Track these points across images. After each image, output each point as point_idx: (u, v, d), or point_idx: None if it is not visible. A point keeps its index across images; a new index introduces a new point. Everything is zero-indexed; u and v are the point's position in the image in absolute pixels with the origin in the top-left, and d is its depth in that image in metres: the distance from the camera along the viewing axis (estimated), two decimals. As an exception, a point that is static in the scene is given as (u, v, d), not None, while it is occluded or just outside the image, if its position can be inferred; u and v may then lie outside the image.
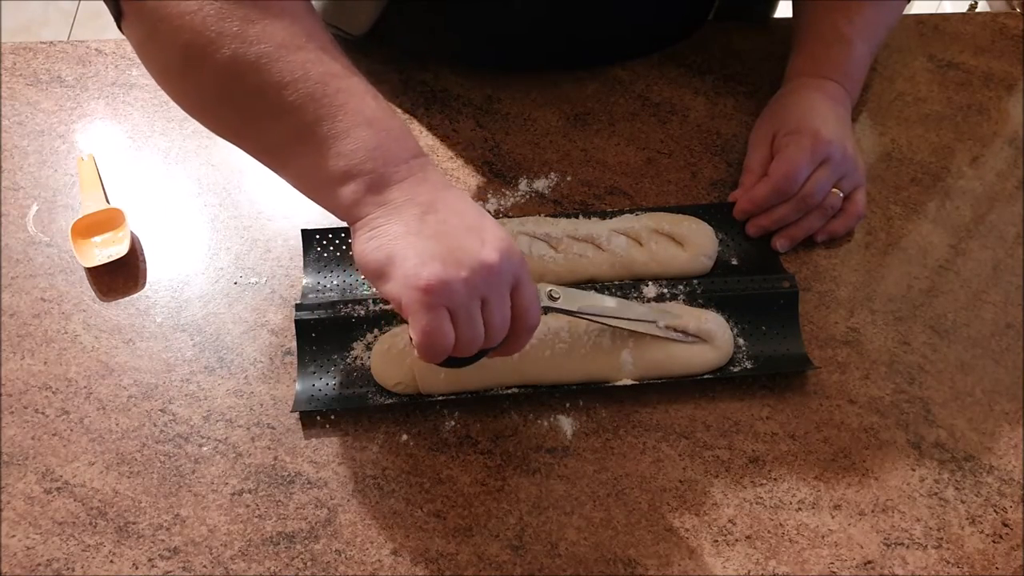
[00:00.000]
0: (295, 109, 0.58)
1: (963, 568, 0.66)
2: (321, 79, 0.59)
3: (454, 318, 0.57)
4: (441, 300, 0.56)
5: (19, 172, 0.85)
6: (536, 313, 0.61)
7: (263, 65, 0.58)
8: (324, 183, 0.60)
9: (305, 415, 0.72)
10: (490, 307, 0.58)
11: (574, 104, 0.93)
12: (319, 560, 0.65)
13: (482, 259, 0.57)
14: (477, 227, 0.59)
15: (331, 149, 0.59)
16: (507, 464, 0.70)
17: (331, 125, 0.58)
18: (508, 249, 0.58)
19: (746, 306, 0.76)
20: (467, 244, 0.57)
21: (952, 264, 0.83)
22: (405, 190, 0.59)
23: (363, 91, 0.61)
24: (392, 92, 0.93)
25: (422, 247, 0.57)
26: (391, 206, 0.59)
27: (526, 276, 0.60)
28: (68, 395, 0.72)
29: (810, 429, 0.73)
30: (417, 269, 0.56)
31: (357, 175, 0.59)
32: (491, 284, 0.58)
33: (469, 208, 0.60)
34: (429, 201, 0.59)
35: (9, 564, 0.64)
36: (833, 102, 0.84)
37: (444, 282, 0.56)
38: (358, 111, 0.59)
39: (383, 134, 0.60)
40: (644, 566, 0.66)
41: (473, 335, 0.58)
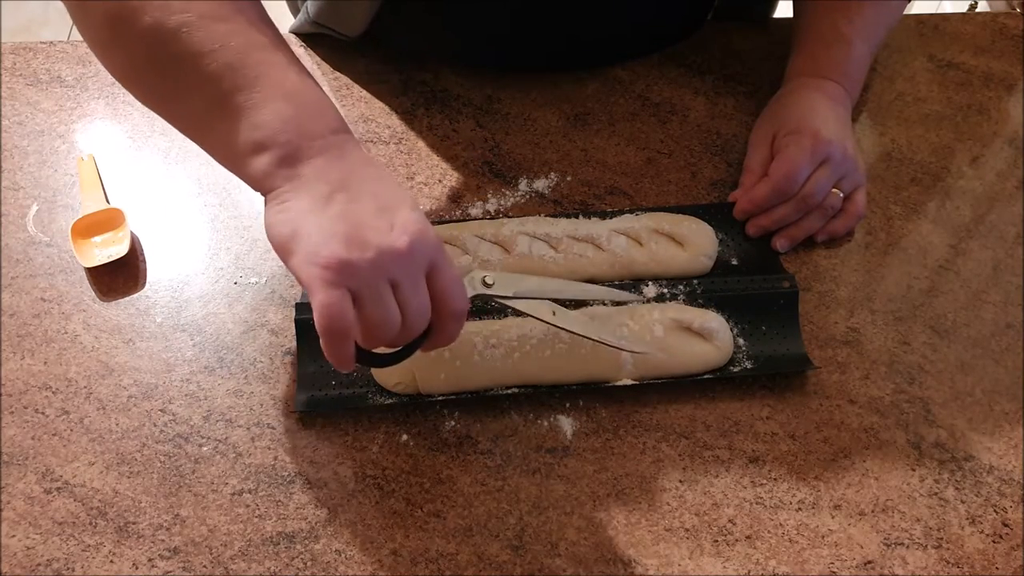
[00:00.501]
0: (213, 78, 0.58)
1: (963, 568, 0.66)
2: (242, 50, 0.58)
3: (358, 300, 0.55)
4: (341, 279, 0.54)
5: (19, 172, 0.85)
6: (459, 299, 0.59)
7: (184, 33, 0.58)
8: (238, 154, 0.59)
9: (305, 415, 0.72)
10: (402, 291, 0.57)
11: (574, 104, 0.93)
12: (319, 560, 0.65)
13: (389, 242, 0.56)
14: (389, 208, 0.57)
15: (246, 120, 0.58)
16: (507, 464, 0.70)
17: (248, 96, 0.58)
18: (419, 232, 0.57)
19: (746, 306, 0.76)
20: (375, 224, 0.56)
21: (952, 264, 0.83)
22: (317, 166, 0.58)
23: (285, 64, 0.60)
24: (392, 92, 0.93)
25: (327, 225, 0.56)
26: (301, 180, 0.58)
27: (443, 260, 0.59)
28: (68, 395, 0.72)
29: (810, 429, 0.73)
30: (318, 247, 0.55)
31: (269, 147, 0.58)
32: (400, 268, 0.56)
33: (385, 189, 0.59)
34: (341, 179, 0.58)
35: (9, 564, 0.64)
36: (833, 102, 0.84)
37: (345, 261, 0.54)
38: (277, 83, 0.59)
39: (300, 108, 0.59)
40: (644, 566, 0.66)
41: (382, 318, 0.56)
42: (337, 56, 0.96)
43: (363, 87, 0.93)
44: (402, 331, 0.58)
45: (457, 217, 0.83)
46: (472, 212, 0.84)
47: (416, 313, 0.58)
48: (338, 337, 0.56)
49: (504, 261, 0.77)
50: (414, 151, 0.88)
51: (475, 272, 0.66)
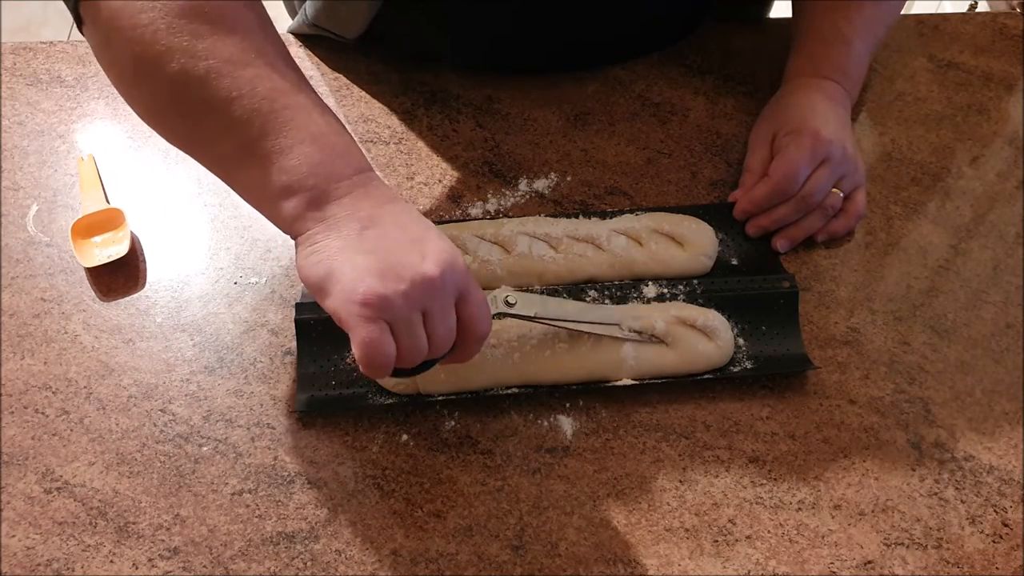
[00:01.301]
0: (241, 124, 0.59)
1: (963, 568, 0.66)
2: (268, 95, 0.59)
3: (394, 331, 0.57)
4: (379, 314, 0.56)
5: (19, 172, 0.85)
6: (484, 323, 0.62)
7: (211, 80, 0.59)
8: (267, 197, 0.61)
9: (305, 415, 0.72)
10: (432, 319, 0.59)
11: (574, 104, 0.93)
12: (319, 560, 0.65)
13: (422, 272, 0.57)
14: (419, 240, 0.59)
15: (274, 164, 0.59)
16: (507, 464, 0.70)
17: (275, 141, 0.59)
18: (450, 262, 0.59)
19: (746, 306, 0.76)
20: (407, 258, 0.58)
21: (952, 264, 0.83)
22: (346, 205, 0.60)
23: (310, 107, 0.61)
24: (392, 92, 0.93)
25: (360, 262, 0.57)
26: (331, 221, 0.59)
27: (472, 287, 0.61)
28: (68, 395, 0.72)
29: (810, 429, 0.73)
30: (354, 284, 0.56)
31: (298, 191, 0.59)
32: (432, 297, 0.58)
33: (412, 222, 0.61)
34: (370, 216, 0.60)
35: (9, 564, 0.64)
36: (833, 102, 0.84)
37: (382, 296, 0.56)
38: (303, 127, 0.60)
39: (327, 151, 0.60)
40: (644, 566, 0.66)
41: (414, 347, 0.59)
42: (337, 56, 0.96)
43: (363, 87, 0.93)
44: (429, 354, 0.60)
45: (457, 217, 0.83)
46: (472, 212, 0.84)
47: (443, 340, 0.60)
48: (378, 370, 0.58)
49: (504, 261, 0.77)
50: (414, 151, 0.88)
51: (499, 292, 0.68)
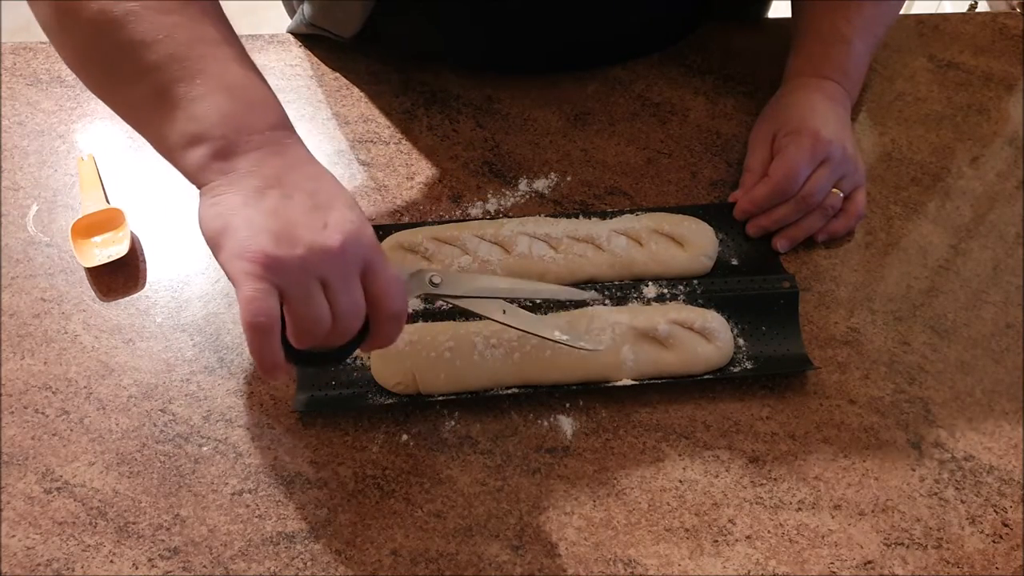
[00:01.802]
0: (155, 69, 0.58)
1: (963, 568, 0.66)
2: (187, 42, 0.58)
3: (286, 297, 0.55)
4: (267, 274, 0.54)
5: (19, 172, 0.85)
6: (396, 300, 0.59)
7: (129, 22, 0.58)
8: (174, 146, 0.59)
9: (305, 415, 0.72)
10: (332, 291, 0.56)
11: (574, 104, 0.93)
12: (319, 560, 0.65)
13: (321, 240, 0.55)
14: (324, 207, 0.57)
15: (183, 112, 0.58)
16: (507, 464, 0.70)
17: (188, 88, 0.58)
18: (354, 232, 0.56)
19: (746, 306, 0.76)
20: (307, 223, 0.56)
21: (952, 264, 0.83)
22: (253, 160, 0.58)
23: (230, 58, 0.60)
24: (392, 92, 0.93)
25: (257, 220, 0.55)
26: (235, 175, 0.57)
27: (379, 261, 0.58)
28: (68, 395, 0.72)
29: (810, 429, 0.73)
30: (247, 241, 0.54)
31: (205, 140, 0.58)
32: (331, 267, 0.55)
33: (322, 187, 0.59)
34: (276, 175, 0.58)
35: (9, 564, 0.64)
36: (833, 102, 0.84)
37: (272, 257, 0.54)
38: (218, 77, 0.59)
39: (240, 102, 0.59)
40: (644, 566, 0.66)
41: (312, 316, 0.56)
42: (337, 56, 0.96)
43: (363, 87, 0.94)
44: (333, 330, 0.58)
45: (457, 217, 0.83)
46: (472, 212, 0.84)
47: (346, 313, 0.57)
48: (261, 332, 0.54)
49: (504, 261, 0.77)
50: (414, 151, 0.88)
51: (423, 271, 0.65)
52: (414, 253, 0.77)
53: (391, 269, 0.59)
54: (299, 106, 0.92)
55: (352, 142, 0.89)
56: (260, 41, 0.97)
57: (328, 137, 0.89)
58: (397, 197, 0.85)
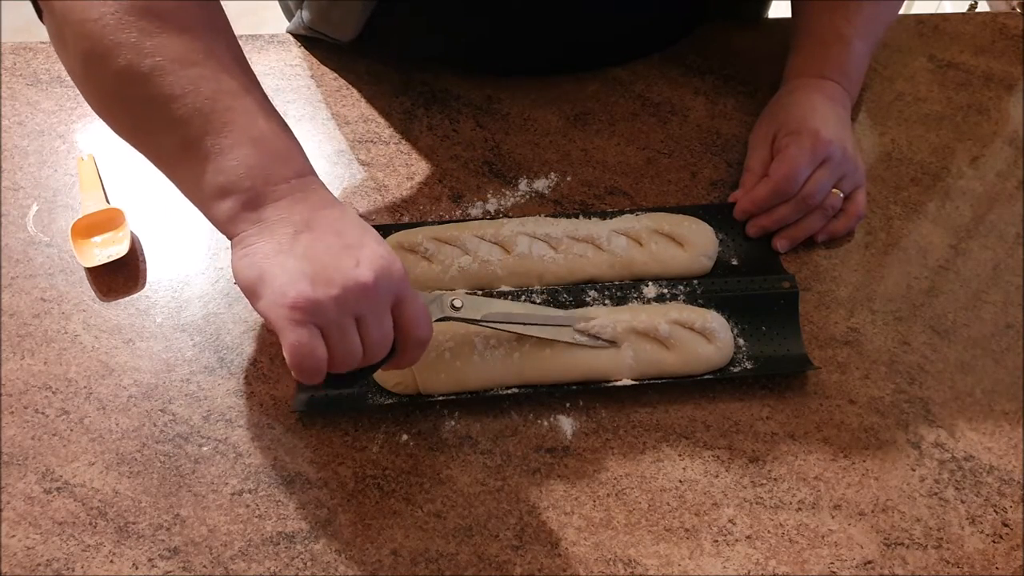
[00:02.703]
0: (182, 122, 0.59)
1: (963, 568, 0.66)
2: (212, 95, 0.60)
3: (325, 336, 0.58)
4: (309, 318, 0.56)
5: (19, 172, 0.85)
6: (422, 328, 0.62)
7: (155, 77, 0.59)
8: (205, 197, 0.61)
9: (305, 415, 0.72)
10: (366, 325, 0.59)
11: (574, 104, 0.93)
12: (319, 560, 0.65)
13: (355, 278, 0.57)
14: (354, 246, 0.59)
15: (212, 164, 0.60)
16: (507, 464, 0.70)
17: (215, 141, 0.59)
18: (385, 268, 0.59)
19: (746, 306, 0.76)
20: (340, 263, 0.58)
21: (952, 264, 0.83)
22: (281, 209, 0.60)
23: (254, 110, 0.61)
24: (392, 92, 0.93)
25: (292, 266, 0.57)
26: (265, 224, 0.59)
27: (408, 292, 0.61)
28: (68, 395, 0.72)
29: (810, 429, 0.73)
30: (285, 288, 0.57)
31: (234, 192, 0.60)
32: (365, 302, 0.58)
33: (349, 227, 0.61)
34: (305, 220, 0.60)
35: (9, 564, 0.64)
36: (833, 102, 0.84)
37: (312, 300, 0.56)
38: (243, 129, 0.60)
39: (265, 153, 0.61)
40: (644, 566, 0.66)
41: (347, 352, 0.59)
42: (337, 57, 0.96)
43: (363, 87, 0.94)
44: (364, 359, 0.60)
45: (457, 217, 0.83)
46: (472, 212, 0.84)
47: (377, 345, 0.60)
48: (309, 374, 0.58)
49: (504, 261, 0.77)
50: (414, 151, 0.88)
51: (444, 296, 0.68)
52: (414, 253, 0.77)
53: (419, 299, 0.62)
54: (299, 106, 0.92)
55: (352, 142, 0.89)
56: (260, 41, 0.97)
57: (328, 137, 0.89)
58: (397, 197, 0.85)
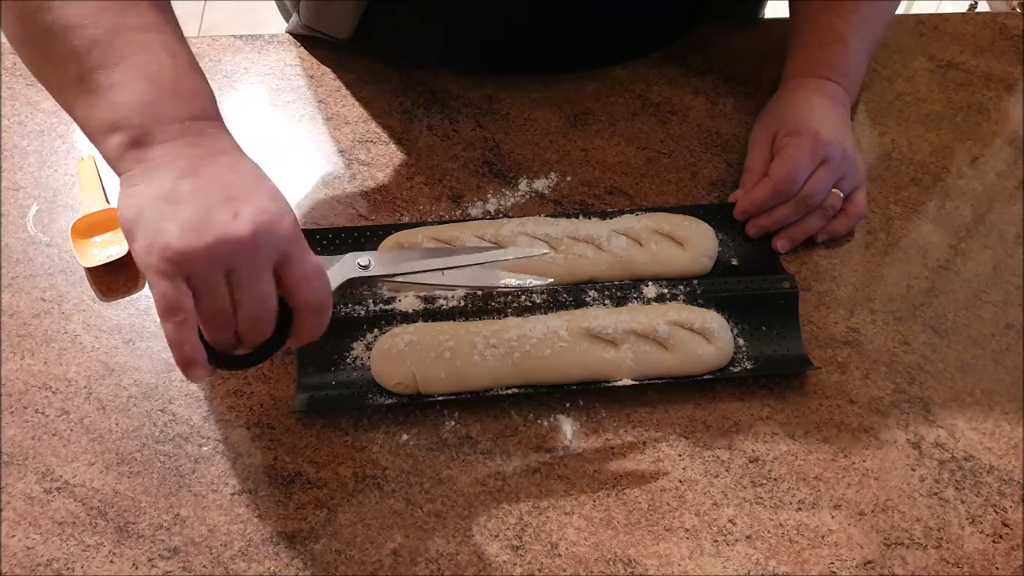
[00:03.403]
0: (79, 53, 0.58)
1: (963, 568, 0.66)
2: (113, 28, 0.58)
3: (193, 289, 0.55)
4: (175, 269, 0.54)
5: (19, 172, 0.85)
6: (315, 291, 0.58)
7: (56, 5, 0.58)
8: (94, 132, 0.59)
9: (305, 415, 0.72)
10: (239, 283, 0.56)
11: (574, 104, 0.93)
12: (319, 560, 0.65)
13: (228, 231, 0.54)
14: (238, 197, 0.56)
15: (104, 98, 0.58)
16: (507, 464, 0.70)
17: (109, 74, 0.58)
18: (268, 222, 0.55)
19: (746, 306, 0.76)
20: (217, 214, 0.55)
21: (952, 264, 0.83)
22: (169, 150, 0.57)
23: (157, 46, 0.60)
24: (392, 92, 0.93)
25: (167, 212, 0.55)
26: (150, 164, 0.57)
27: (297, 251, 0.57)
28: (68, 395, 0.72)
29: (810, 429, 0.73)
30: (156, 235, 0.54)
31: (121, 128, 0.58)
32: (240, 258, 0.55)
33: (240, 177, 0.58)
34: (191, 165, 0.57)
35: (9, 564, 0.64)
36: (832, 102, 0.84)
37: (177, 251, 0.53)
38: (142, 65, 0.58)
39: (162, 91, 0.58)
40: (644, 566, 0.66)
41: (216, 309, 0.56)
42: (337, 56, 0.96)
43: (363, 87, 0.93)
44: (242, 323, 0.57)
45: (457, 217, 0.83)
46: (472, 212, 0.84)
47: (254, 307, 0.57)
48: (175, 326, 0.55)
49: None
50: (414, 151, 0.88)
51: (352, 255, 0.65)
52: (414, 253, 0.77)
53: (312, 259, 0.58)
54: (299, 106, 0.92)
55: (352, 142, 0.89)
56: (260, 41, 0.97)
57: (328, 137, 0.89)
58: (397, 197, 0.85)
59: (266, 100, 0.92)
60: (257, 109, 0.91)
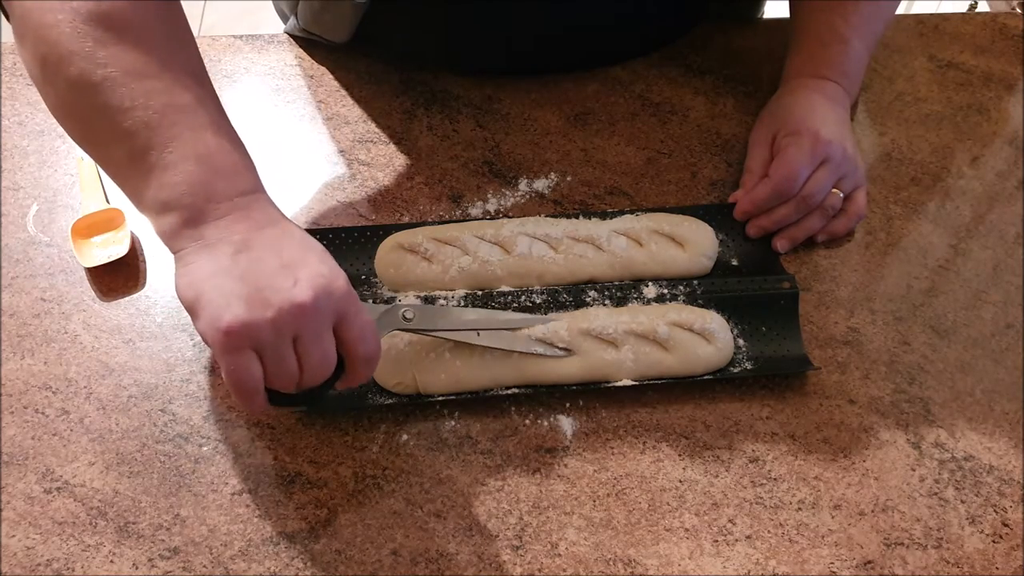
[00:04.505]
0: (129, 134, 0.60)
1: (963, 568, 0.66)
2: (161, 109, 0.60)
3: (262, 357, 0.58)
4: (244, 342, 0.56)
5: (19, 172, 0.85)
6: (368, 345, 0.61)
7: (106, 88, 0.59)
8: (148, 210, 0.61)
9: (305, 415, 0.72)
10: (304, 345, 0.58)
11: (574, 104, 0.93)
12: (319, 560, 0.65)
13: (291, 298, 0.57)
14: (293, 265, 0.59)
15: (156, 179, 0.60)
16: (507, 464, 0.70)
17: (160, 155, 0.60)
18: (324, 287, 0.58)
19: (746, 307, 0.76)
20: (277, 283, 0.57)
21: (952, 264, 0.83)
22: (222, 227, 0.60)
23: (203, 126, 0.61)
24: (392, 92, 0.93)
25: (228, 287, 0.57)
26: (204, 242, 0.59)
27: (351, 310, 0.60)
28: (68, 395, 0.72)
29: (810, 429, 0.73)
30: (220, 311, 0.56)
31: (175, 207, 0.60)
32: (302, 323, 0.58)
33: (290, 245, 0.60)
34: (244, 239, 0.59)
35: (9, 564, 0.64)
36: (832, 102, 0.84)
37: (246, 324, 0.56)
38: (189, 144, 0.60)
39: (210, 170, 0.60)
40: (644, 566, 0.66)
41: (283, 373, 0.59)
42: (337, 56, 0.96)
43: (363, 87, 0.93)
44: (305, 379, 0.60)
45: (457, 217, 0.83)
46: (472, 212, 0.84)
47: (317, 365, 0.60)
48: (247, 396, 0.59)
49: (504, 262, 0.77)
50: (414, 151, 0.88)
51: (396, 307, 0.68)
52: (414, 253, 0.77)
53: (364, 315, 0.61)
54: (299, 106, 0.92)
55: (352, 142, 0.89)
56: (260, 41, 0.97)
57: (328, 137, 0.89)
58: (397, 197, 0.85)
59: (266, 100, 0.92)
60: (257, 109, 0.91)
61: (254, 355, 0.57)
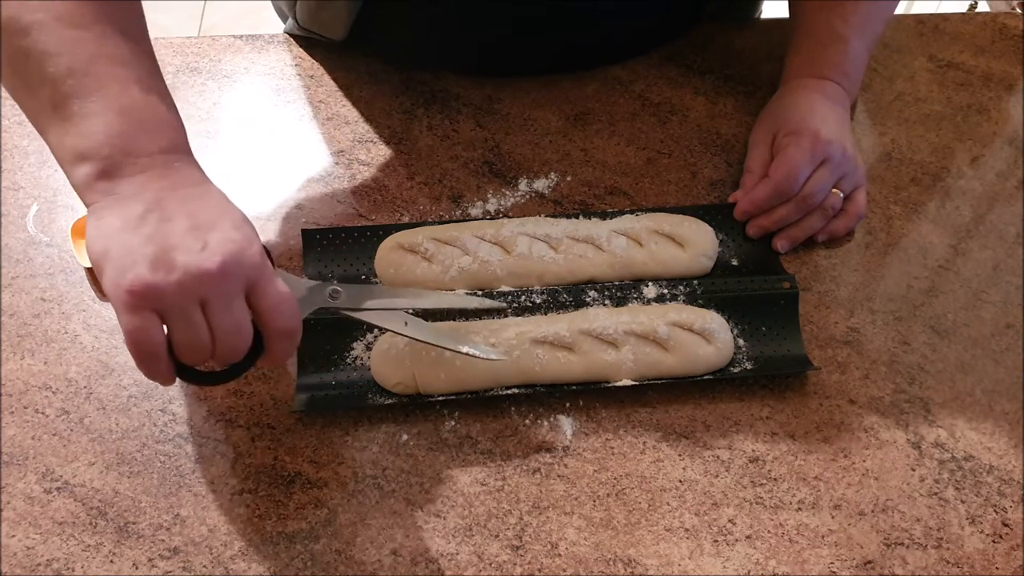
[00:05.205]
0: (53, 80, 0.58)
1: (963, 568, 0.66)
2: (88, 59, 0.59)
3: (167, 322, 0.56)
4: (146, 303, 0.55)
5: (19, 172, 0.85)
6: (285, 317, 0.59)
7: (33, 31, 0.58)
8: (64, 159, 0.60)
9: (305, 415, 0.72)
10: (213, 312, 0.57)
11: (574, 104, 0.93)
12: (319, 560, 0.65)
13: (197, 262, 0.55)
14: (204, 227, 0.57)
15: (75, 127, 0.58)
16: (507, 464, 0.70)
17: (83, 104, 0.58)
18: (234, 252, 0.57)
19: (746, 307, 0.77)
20: (185, 245, 0.56)
21: (952, 264, 0.83)
22: (137, 183, 0.58)
23: (132, 80, 0.60)
24: (392, 92, 0.93)
25: (134, 246, 0.56)
26: (117, 197, 0.58)
27: (264, 279, 0.58)
28: (68, 395, 0.72)
29: (810, 429, 0.73)
30: (124, 270, 0.55)
31: (91, 158, 0.58)
32: (210, 288, 0.56)
33: (205, 208, 0.59)
34: (158, 198, 0.58)
35: (9, 564, 0.64)
36: (832, 102, 0.84)
37: (148, 285, 0.54)
38: (114, 96, 0.59)
39: (132, 124, 0.59)
40: (644, 566, 0.66)
41: (191, 339, 0.57)
42: (337, 57, 0.96)
43: (363, 87, 0.93)
44: (218, 350, 0.58)
45: (457, 217, 0.83)
46: (472, 212, 0.84)
47: (227, 332, 0.58)
48: (146, 359, 0.57)
49: (504, 262, 0.77)
50: (414, 151, 0.88)
51: (324, 284, 0.66)
52: (414, 253, 0.77)
53: (280, 286, 0.59)
54: (299, 106, 0.92)
55: (352, 142, 0.89)
56: (260, 41, 0.97)
57: (328, 137, 0.89)
58: (397, 197, 0.85)
59: (266, 100, 0.92)
60: (257, 109, 0.91)
61: (156, 318, 0.55)
